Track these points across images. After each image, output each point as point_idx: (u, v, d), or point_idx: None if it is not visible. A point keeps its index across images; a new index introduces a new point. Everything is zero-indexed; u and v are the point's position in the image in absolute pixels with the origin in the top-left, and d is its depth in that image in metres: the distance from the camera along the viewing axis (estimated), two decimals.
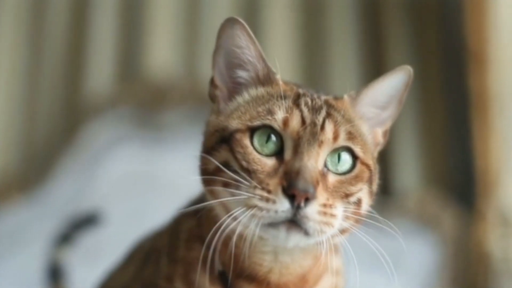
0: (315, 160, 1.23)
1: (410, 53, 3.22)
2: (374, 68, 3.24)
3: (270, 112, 1.25)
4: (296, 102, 1.27)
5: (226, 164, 1.23)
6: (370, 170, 1.29)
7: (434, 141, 3.01)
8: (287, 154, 1.23)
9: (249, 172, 1.21)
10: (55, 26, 3.47)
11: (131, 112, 3.19)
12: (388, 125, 1.39)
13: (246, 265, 1.29)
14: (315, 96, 1.32)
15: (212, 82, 1.34)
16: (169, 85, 3.23)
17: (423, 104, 3.02)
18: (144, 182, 2.94)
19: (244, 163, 1.22)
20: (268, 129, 1.24)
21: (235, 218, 1.20)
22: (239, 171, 1.22)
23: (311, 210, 1.19)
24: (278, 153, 1.24)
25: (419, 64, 3.16)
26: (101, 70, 3.38)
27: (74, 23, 3.46)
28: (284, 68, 3.15)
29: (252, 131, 1.24)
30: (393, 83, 1.37)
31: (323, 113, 1.27)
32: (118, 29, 3.42)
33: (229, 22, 1.29)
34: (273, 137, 1.24)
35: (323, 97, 1.33)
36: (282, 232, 1.20)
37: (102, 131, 3.14)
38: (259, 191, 1.19)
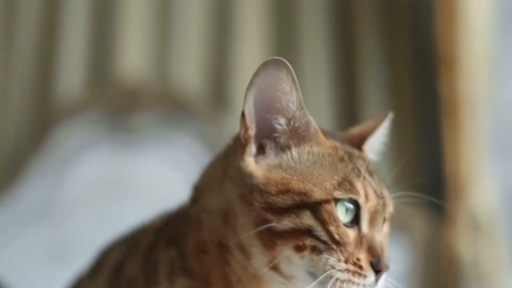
0: (382, 231, 1.28)
1: (381, 56, 3.22)
2: (345, 68, 3.24)
3: (351, 184, 1.24)
4: (359, 167, 1.28)
5: (309, 231, 1.22)
6: None
7: (404, 145, 3.02)
8: (364, 226, 1.25)
9: (339, 244, 1.21)
10: (24, 29, 3.44)
11: (103, 115, 3.17)
12: None
13: None
14: (356, 153, 1.34)
15: (243, 121, 1.27)
16: (140, 88, 3.21)
17: (393, 107, 3.02)
18: (115, 186, 2.93)
19: (336, 236, 1.21)
20: (348, 201, 1.24)
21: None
22: (328, 241, 1.21)
23: (383, 280, 1.25)
24: (352, 223, 1.24)
25: (389, 68, 3.18)
26: (72, 74, 3.35)
27: (44, 26, 3.43)
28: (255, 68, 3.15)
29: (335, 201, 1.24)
30: (385, 131, 1.45)
31: (377, 178, 1.30)
32: (89, 32, 3.39)
33: (275, 63, 1.23)
34: (351, 207, 1.24)
35: (356, 151, 1.35)
36: None
37: (73, 134, 3.11)
38: (351, 266, 1.21)
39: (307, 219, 1.21)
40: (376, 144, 1.46)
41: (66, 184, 2.99)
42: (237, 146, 1.30)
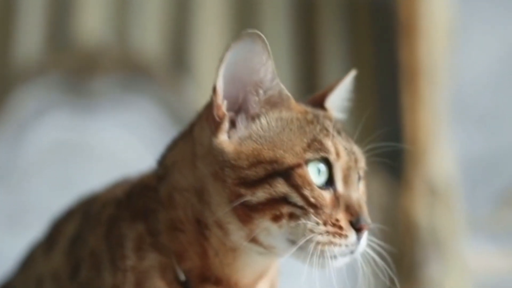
0: (357, 188, 1.27)
1: (341, 22, 3.22)
2: (304, 34, 3.24)
3: (321, 143, 1.23)
4: (326, 127, 1.27)
5: (284, 199, 1.21)
6: None
7: (363, 111, 3.02)
8: (339, 185, 1.24)
9: (316, 207, 1.20)
10: None
11: (61, 79, 3.14)
12: None
13: (219, 272, 1.30)
14: (321, 113, 1.33)
15: (216, 97, 1.25)
16: (99, 52, 3.18)
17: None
18: (73, 151, 2.91)
19: (312, 200, 1.20)
20: (320, 161, 1.23)
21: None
22: (305, 206, 1.20)
23: (364, 239, 1.25)
24: (327, 184, 1.24)
25: (349, 34, 3.18)
26: (30, 37, 3.31)
27: None
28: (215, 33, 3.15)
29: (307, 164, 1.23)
30: (348, 87, 1.46)
31: (344, 135, 1.30)
32: None
33: (250, 37, 1.22)
34: (323, 168, 1.24)
35: (321, 112, 1.35)
36: (340, 262, 1.24)
37: (31, 98, 3.08)
38: (331, 228, 1.20)
39: (281, 187, 1.20)
40: (339, 100, 1.47)
41: (23, 148, 2.96)
42: (204, 123, 1.29)
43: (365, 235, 1.24)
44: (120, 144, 2.90)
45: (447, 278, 2.82)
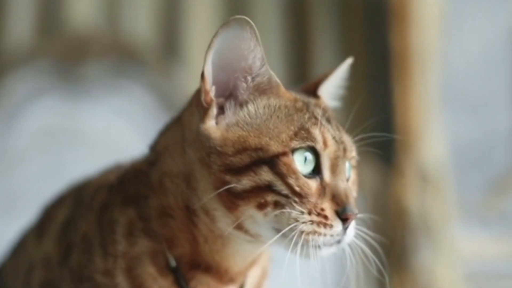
0: (345, 178, 1.26)
1: (333, 12, 3.21)
2: (297, 20, 3.23)
3: (308, 131, 1.22)
4: (316, 115, 1.26)
5: (269, 187, 1.20)
6: None
7: (354, 97, 3.02)
8: (326, 174, 1.23)
9: (301, 196, 1.19)
10: None
11: (52, 64, 3.13)
12: None
13: (210, 258, 1.30)
14: (312, 101, 1.32)
15: (204, 83, 1.24)
16: (90, 37, 3.17)
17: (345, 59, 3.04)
18: (64, 136, 2.90)
19: (297, 189, 1.19)
20: (306, 149, 1.22)
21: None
22: (290, 194, 1.19)
23: (352, 229, 1.23)
24: (314, 173, 1.22)
25: (341, 20, 3.17)
26: (21, 22, 3.29)
27: None
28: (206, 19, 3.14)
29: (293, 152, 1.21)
30: (343, 75, 1.45)
31: (335, 124, 1.28)
32: None
33: (238, 23, 1.20)
34: (310, 157, 1.22)
35: (312, 100, 1.33)
36: (325, 252, 1.23)
37: (22, 84, 3.07)
38: (315, 217, 1.19)
39: (265, 175, 1.19)
40: (334, 87, 1.46)
41: (14, 134, 2.95)
42: (193, 109, 1.28)
43: (352, 225, 1.23)
44: (111, 129, 2.90)
45: (438, 264, 2.83)
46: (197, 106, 1.27)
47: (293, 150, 1.21)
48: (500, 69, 3.16)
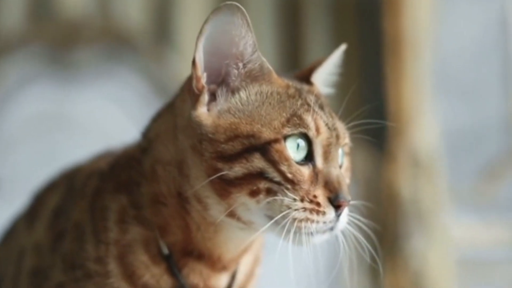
0: (338, 165, 1.25)
1: None
2: (289, 7, 3.22)
3: (300, 118, 1.21)
4: (308, 102, 1.25)
5: (261, 174, 1.19)
6: None
7: (347, 83, 3.02)
8: (319, 161, 1.22)
9: (293, 183, 1.19)
10: None
11: (43, 50, 3.11)
12: None
13: (202, 246, 1.29)
14: (305, 88, 1.31)
15: (195, 70, 1.23)
16: (82, 22, 3.15)
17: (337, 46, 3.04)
18: (56, 122, 2.89)
19: (289, 175, 1.19)
20: (298, 136, 1.21)
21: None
22: (282, 181, 1.19)
23: (345, 216, 1.23)
24: (306, 160, 1.22)
25: (333, 6, 3.17)
26: (12, 7, 3.28)
27: None
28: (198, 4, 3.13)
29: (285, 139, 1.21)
30: (336, 61, 1.44)
31: (328, 110, 1.28)
32: None
33: (228, 9, 1.19)
34: (302, 144, 1.22)
35: (305, 86, 1.32)
36: (318, 239, 1.22)
37: (13, 69, 3.06)
38: (308, 204, 1.19)
39: (257, 162, 1.19)
40: (327, 74, 1.45)
41: (6, 120, 2.94)
42: (185, 95, 1.27)
43: (345, 212, 1.23)
44: (103, 115, 2.89)
45: (430, 250, 2.83)
46: (188, 92, 1.26)
47: (285, 137, 1.20)
48: (492, 54, 3.16)
